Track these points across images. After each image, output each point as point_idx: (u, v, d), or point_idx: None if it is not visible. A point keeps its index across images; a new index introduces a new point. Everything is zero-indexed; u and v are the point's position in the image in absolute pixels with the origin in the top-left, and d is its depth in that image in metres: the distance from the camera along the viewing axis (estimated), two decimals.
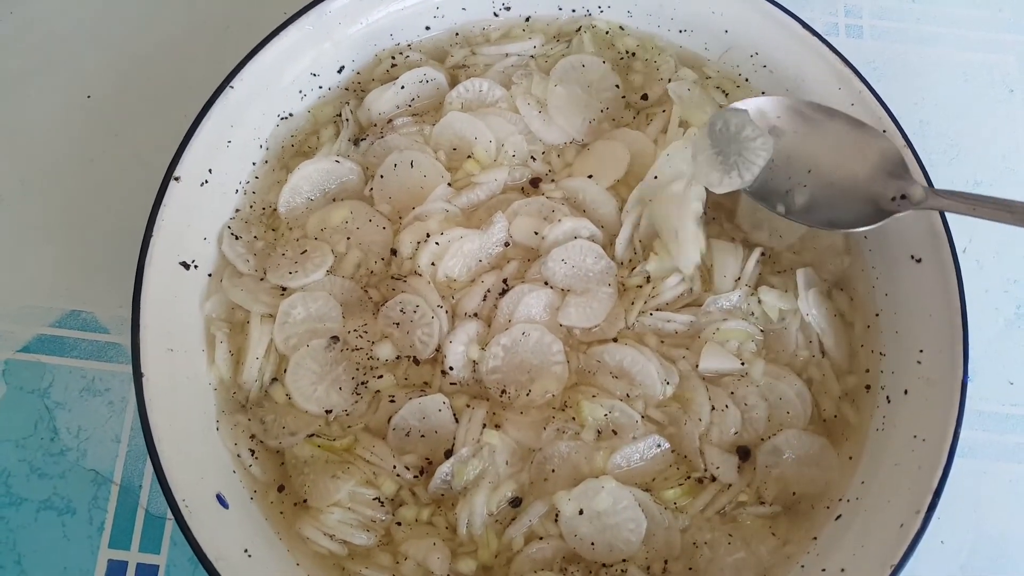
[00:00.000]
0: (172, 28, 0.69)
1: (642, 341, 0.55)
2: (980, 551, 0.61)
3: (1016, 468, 0.63)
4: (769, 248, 0.59)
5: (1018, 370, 0.65)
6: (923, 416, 0.52)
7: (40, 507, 0.58)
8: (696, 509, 0.53)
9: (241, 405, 0.55)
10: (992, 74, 0.72)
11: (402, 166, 0.58)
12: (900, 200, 0.53)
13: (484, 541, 0.52)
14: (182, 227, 0.55)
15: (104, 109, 0.67)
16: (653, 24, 0.63)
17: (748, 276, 0.57)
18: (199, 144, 0.55)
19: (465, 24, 0.63)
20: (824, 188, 0.55)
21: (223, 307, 0.56)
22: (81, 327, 0.62)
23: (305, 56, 0.59)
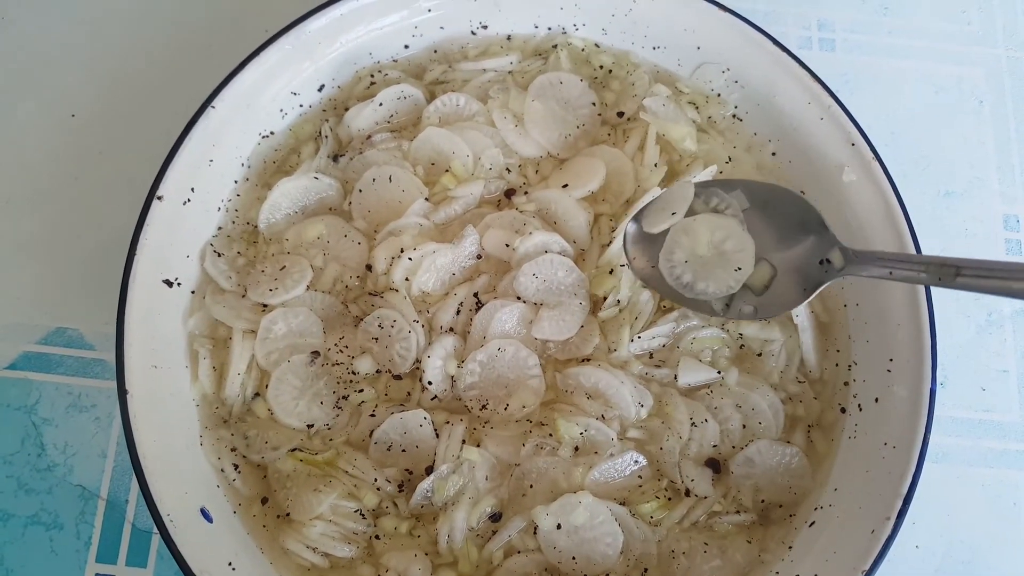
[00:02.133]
0: (156, 48, 0.70)
1: (627, 367, 0.57)
2: (954, 555, 0.62)
3: (988, 472, 0.64)
4: None
5: (989, 377, 0.66)
6: (893, 424, 0.54)
7: (28, 522, 0.58)
8: (672, 521, 0.54)
9: (224, 420, 0.56)
10: (961, 86, 0.73)
11: (380, 181, 0.59)
12: (826, 264, 0.52)
13: (464, 554, 0.53)
14: (165, 245, 0.55)
15: (88, 128, 0.68)
16: (627, 41, 0.64)
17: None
18: (181, 163, 0.56)
19: (443, 42, 0.64)
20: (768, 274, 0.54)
21: (206, 323, 0.57)
22: (67, 344, 0.63)
23: (285, 75, 0.60)
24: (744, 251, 0.54)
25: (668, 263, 0.55)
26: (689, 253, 0.55)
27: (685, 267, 0.55)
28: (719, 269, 0.54)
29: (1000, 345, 0.67)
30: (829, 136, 0.59)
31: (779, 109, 0.61)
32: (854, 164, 0.58)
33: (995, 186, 0.71)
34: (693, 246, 0.55)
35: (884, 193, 0.56)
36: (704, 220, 0.55)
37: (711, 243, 0.55)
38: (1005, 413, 0.65)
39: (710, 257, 0.54)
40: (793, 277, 0.53)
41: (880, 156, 0.58)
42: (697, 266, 0.55)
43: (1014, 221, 0.70)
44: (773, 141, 0.63)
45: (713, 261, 0.55)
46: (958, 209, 0.70)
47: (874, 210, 0.57)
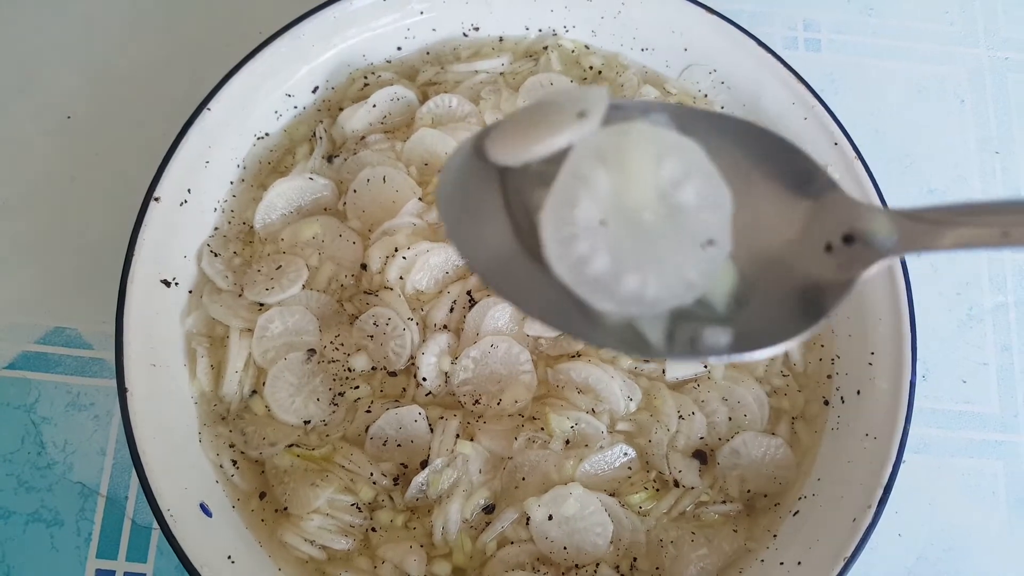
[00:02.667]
0: (152, 49, 0.70)
1: (616, 362, 0.57)
2: (936, 542, 0.63)
3: (968, 462, 0.65)
4: None
5: (970, 369, 0.68)
6: (874, 415, 0.55)
7: (28, 519, 0.59)
8: (661, 511, 0.55)
9: (222, 417, 0.57)
10: (944, 85, 0.75)
11: (374, 181, 0.60)
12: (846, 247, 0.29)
13: (459, 545, 0.54)
14: (163, 246, 0.56)
15: (85, 129, 0.68)
16: (616, 43, 0.65)
17: None
18: (178, 165, 0.57)
19: (436, 44, 0.65)
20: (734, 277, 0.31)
21: (203, 322, 0.58)
22: (65, 343, 0.63)
23: (280, 77, 0.61)
24: (719, 205, 0.29)
25: (560, 228, 0.29)
26: (608, 207, 0.28)
27: (597, 239, 0.28)
28: (669, 244, 0.28)
29: (980, 339, 0.68)
30: (813, 136, 0.60)
31: (764, 109, 0.62)
32: (837, 163, 0.59)
33: (977, 184, 0.73)
34: (618, 190, 0.28)
35: (866, 192, 0.58)
36: (644, 135, 0.29)
37: (655, 186, 0.29)
38: (985, 405, 0.67)
39: (652, 218, 0.28)
40: (783, 280, 0.31)
41: (863, 155, 0.59)
42: (624, 237, 0.28)
43: None
44: None
45: (657, 227, 0.28)
46: None
47: None
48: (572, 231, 0.29)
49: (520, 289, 0.31)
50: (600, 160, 0.29)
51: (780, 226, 0.31)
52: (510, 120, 0.32)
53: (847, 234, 0.30)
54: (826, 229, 0.30)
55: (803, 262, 0.30)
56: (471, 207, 0.32)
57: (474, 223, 0.31)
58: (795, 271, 0.31)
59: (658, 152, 0.29)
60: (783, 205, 0.31)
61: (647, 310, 0.29)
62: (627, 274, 0.28)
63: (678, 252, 0.29)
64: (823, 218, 0.31)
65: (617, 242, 0.29)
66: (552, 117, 0.30)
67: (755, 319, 0.30)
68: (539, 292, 0.30)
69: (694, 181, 0.29)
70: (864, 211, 0.30)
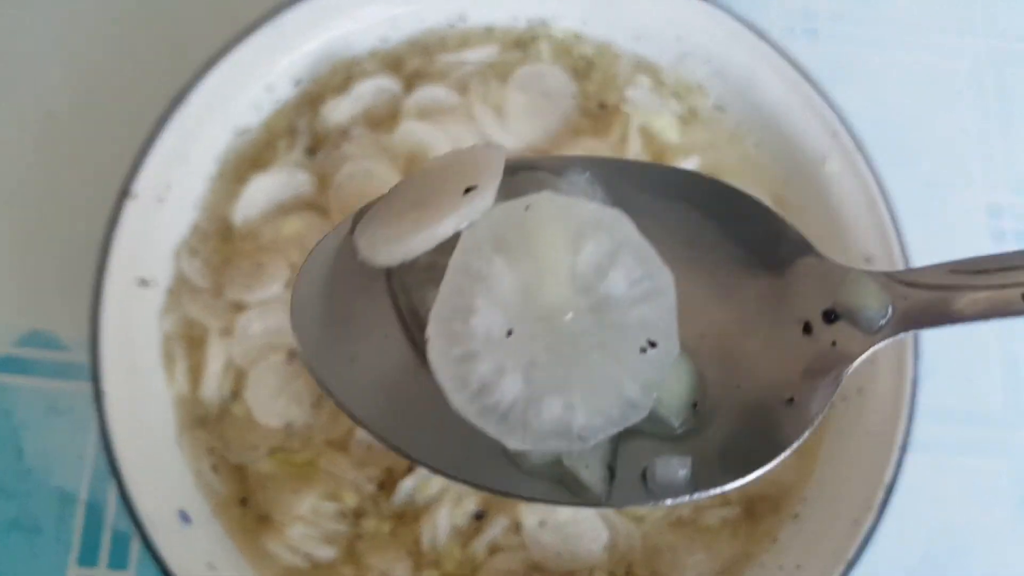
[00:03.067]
0: (133, 45, 0.69)
1: None
2: (940, 542, 0.62)
3: (973, 461, 0.64)
4: None
5: (976, 367, 0.66)
6: (876, 415, 0.54)
7: (7, 527, 0.57)
8: (657, 516, 0.54)
9: (202, 421, 0.55)
10: (944, 76, 0.73)
11: (358, 176, 0.58)
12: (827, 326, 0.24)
13: (448, 553, 0.52)
14: (139, 244, 0.55)
15: (64, 126, 0.67)
16: (608, 32, 0.63)
17: None
18: (154, 160, 0.55)
19: (422, 33, 0.64)
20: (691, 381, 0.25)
21: (181, 323, 0.57)
22: (43, 346, 0.62)
23: (260, 69, 0.59)
24: (658, 292, 0.23)
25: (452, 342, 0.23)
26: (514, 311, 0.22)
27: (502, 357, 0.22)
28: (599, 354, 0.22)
29: (985, 335, 0.67)
30: (811, 126, 0.58)
31: (761, 99, 0.60)
32: (836, 154, 0.58)
33: (978, 175, 0.71)
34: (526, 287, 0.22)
35: (866, 183, 0.56)
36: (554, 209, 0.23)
37: (574, 277, 0.22)
38: (989, 403, 0.66)
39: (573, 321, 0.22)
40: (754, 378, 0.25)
41: (863, 146, 0.58)
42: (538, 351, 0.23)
43: (997, 209, 0.70)
44: (756, 131, 0.62)
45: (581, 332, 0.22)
46: (942, 198, 0.70)
47: (857, 200, 0.57)
48: (469, 348, 0.22)
49: (412, 429, 0.23)
50: (499, 249, 0.22)
51: (745, 307, 0.24)
52: (383, 203, 0.25)
53: (828, 310, 0.24)
54: (802, 304, 0.24)
55: (777, 352, 0.24)
56: (341, 320, 0.24)
57: (345, 341, 0.24)
58: (768, 365, 0.24)
59: (575, 230, 0.22)
60: (747, 278, 0.24)
61: (578, 444, 0.21)
62: (546, 399, 0.21)
63: (611, 362, 0.21)
64: (798, 290, 0.24)
65: (529, 357, 0.22)
66: (432, 197, 0.23)
67: (723, 435, 0.24)
68: (441, 431, 0.22)
69: (624, 265, 0.22)
70: (848, 278, 0.24)
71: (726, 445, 0.24)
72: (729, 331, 0.25)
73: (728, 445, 0.24)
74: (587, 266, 0.22)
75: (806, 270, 0.25)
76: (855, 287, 0.25)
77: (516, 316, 0.22)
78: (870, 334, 0.24)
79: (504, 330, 0.22)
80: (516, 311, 0.22)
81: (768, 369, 0.24)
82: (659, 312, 0.23)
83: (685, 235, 0.25)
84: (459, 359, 0.22)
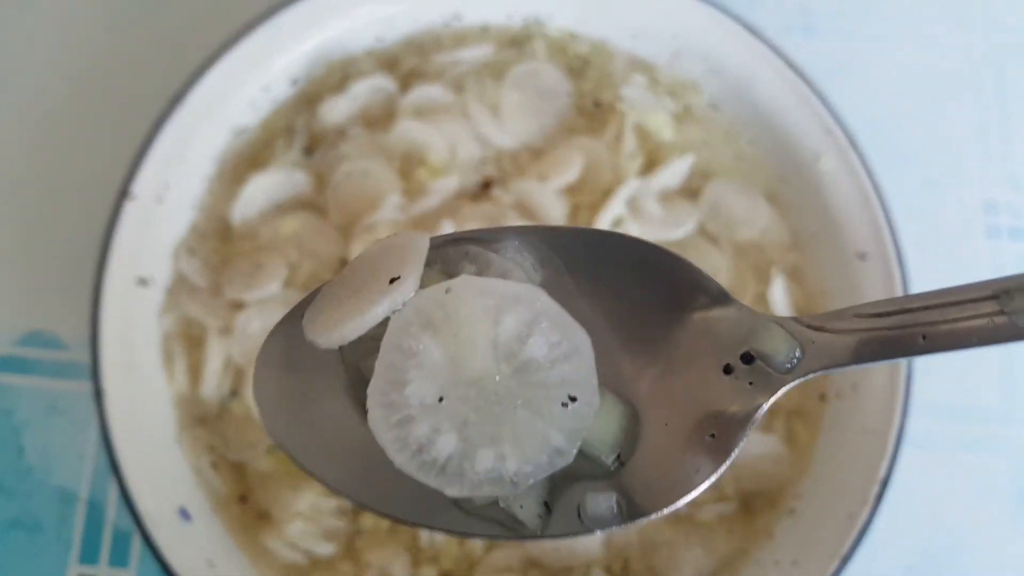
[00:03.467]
0: (130, 44, 0.69)
1: None
2: (937, 538, 0.62)
3: (970, 457, 0.64)
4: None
5: (973, 362, 0.66)
6: (871, 410, 0.54)
7: (8, 526, 0.58)
8: None
9: (201, 419, 0.56)
10: (941, 72, 0.73)
11: (355, 175, 0.59)
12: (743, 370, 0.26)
13: (445, 549, 0.53)
14: (138, 244, 0.55)
15: (63, 126, 0.67)
16: (604, 30, 0.64)
17: None
18: (153, 161, 0.55)
19: (417, 33, 0.64)
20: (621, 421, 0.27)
21: (180, 322, 0.57)
22: (43, 345, 0.62)
23: (258, 69, 0.60)
24: (574, 352, 0.25)
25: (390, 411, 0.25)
26: (444, 380, 0.26)
27: (436, 419, 0.25)
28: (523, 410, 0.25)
29: None
30: (806, 124, 0.58)
31: (756, 97, 0.60)
32: (831, 152, 0.58)
33: (975, 171, 0.71)
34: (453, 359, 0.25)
35: (860, 180, 0.56)
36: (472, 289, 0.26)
37: (496, 348, 0.25)
38: (986, 398, 0.66)
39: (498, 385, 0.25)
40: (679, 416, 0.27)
41: (857, 143, 0.58)
42: (468, 411, 0.25)
43: (993, 206, 0.70)
44: (751, 130, 0.62)
45: (506, 393, 0.25)
46: (938, 195, 0.70)
47: (851, 198, 0.57)
48: (406, 414, 0.25)
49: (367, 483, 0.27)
50: (426, 327, 0.26)
51: (672, 352, 0.27)
52: (327, 288, 0.29)
53: (745, 353, 0.27)
54: (722, 349, 0.27)
55: (700, 392, 0.27)
56: (299, 390, 0.28)
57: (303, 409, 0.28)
58: (692, 404, 0.27)
59: (494, 306, 0.25)
60: (673, 326, 0.28)
61: (511, 489, 0.25)
62: (479, 452, 0.24)
63: (537, 416, 0.25)
64: (718, 336, 0.27)
65: (462, 418, 0.25)
66: (364, 286, 0.26)
67: (651, 470, 0.27)
68: (392, 483, 0.26)
69: (542, 332, 0.25)
70: (760, 325, 0.26)
71: (654, 478, 0.27)
72: (657, 374, 0.28)
73: (656, 478, 0.27)
74: (508, 335, 0.26)
75: (725, 316, 0.28)
76: (766, 333, 0.27)
77: (446, 384, 0.26)
78: (782, 374, 0.27)
79: (436, 397, 0.26)
80: (446, 380, 0.26)
81: (692, 408, 0.27)
82: (578, 369, 0.26)
83: (614, 290, 0.28)
84: (397, 423, 0.25)
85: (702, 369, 0.27)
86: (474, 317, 0.25)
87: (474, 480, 0.25)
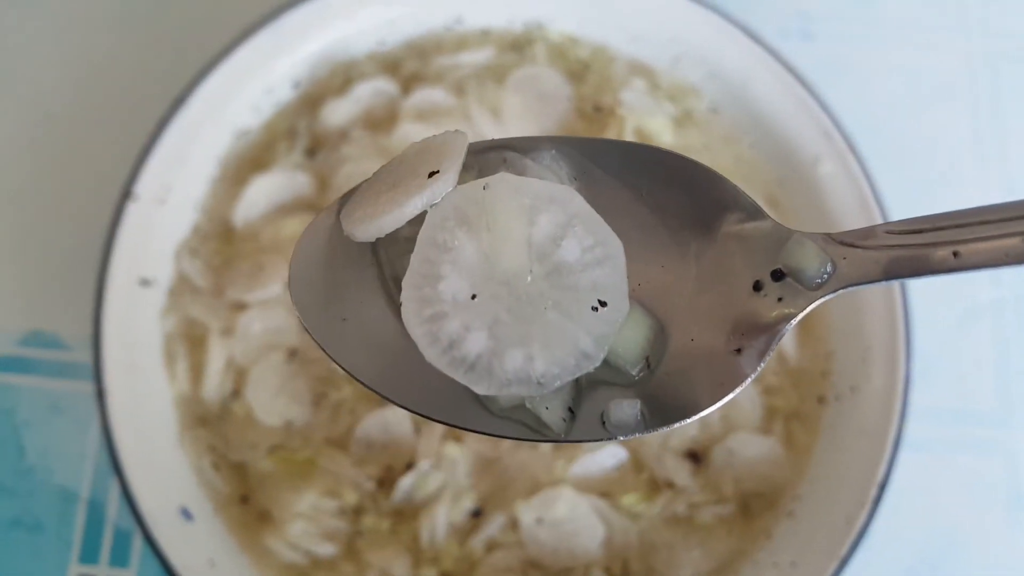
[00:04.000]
0: (133, 45, 0.69)
1: None
2: (935, 540, 0.62)
3: (966, 460, 0.64)
4: None
5: (969, 366, 0.66)
6: (869, 412, 0.54)
7: (9, 525, 0.58)
8: (653, 513, 0.54)
9: (203, 419, 0.56)
10: (938, 76, 0.74)
11: (357, 177, 0.58)
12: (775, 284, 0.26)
13: (446, 550, 0.53)
14: (140, 245, 0.55)
15: (63, 127, 0.67)
16: (604, 34, 0.64)
17: None
18: (155, 162, 0.56)
19: (419, 36, 0.64)
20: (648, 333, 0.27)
21: (182, 323, 0.57)
22: (44, 346, 0.62)
23: (260, 72, 0.60)
24: (608, 257, 0.25)
25: (423, 305, 0.25)
26: (477, 278, 0.25)
27: (468, 316, 0.25)
28: (554, 312, 0.25)
29: (978, 334, 0.67)
30: (805, 128, 0.59)
31: (755, 101, 0.61)
32: (829, 156, 0.58)
33: (971, 175, 0.72)
34: (487, 257, 0.25)
35: (859, 184, 0.57)
36: (509, 188, 0.25)
37: (529, 247, 0.25)
38: (982, 402, 0.66)
39: (530, 285, 0.25)
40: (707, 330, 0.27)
41: (855, 147, 0.58)
42: (500, 310, 0.25)
43: None
44: (750, 133, 0.63)
45: (537, 294, 0.25)
46: (935, 198, 0.70)
47: (849, 201, 0.57)
48: (439, 309, 0.25)
49: (396, 379, 0.27)
50: (462, 223, 0.25)
51: (702, 266, 0.27)
52: (365, 185, 0.29)
53: (776, 269, 0.26)
54: (753, 264, 0.26)
55: (729, 307, 0.27)
56: (332, 287, 0.28)
57: (336, 305, 0.28)
58: (720, 318, 0.27)
59: (530, 205, 0.25)
60: (704, 241, 0.27)
61: (538, 390, 0.25)
62: (508, 351, 0.24)
63: (567, 319, 0.24)
64: (749, 252, 0.27)
65: (493, 316, 0.25)
66: (403, 181, 0.26)
67: (676, 381, 0.27)
68: (421, 380, 0.26)
69: (576, 235, 0.25)
70: (792, 240, 0.26)
71: (678, 390, 0.27)
72: (686, 288, 0.28)
73: (680, 390, 0.27)
74: (542, 236, 0.26)
75: (758, 231, 0.28)
76: (798, 248, 0.27)
77: (479, 281, 0.25)
78: (812, 291, 0.27)
79: (469, 294, 0.26)
80: (479, 277, 0.26)
81: (720, 323, 0.27)
82: (610, 275, 0.25)
83: (647, 203, 0.28)
84: (429, 319, 0.25)
85: (731, 285, 0.27)
86: (509, 215, 0.25)
87: (502, 379, 0.25)
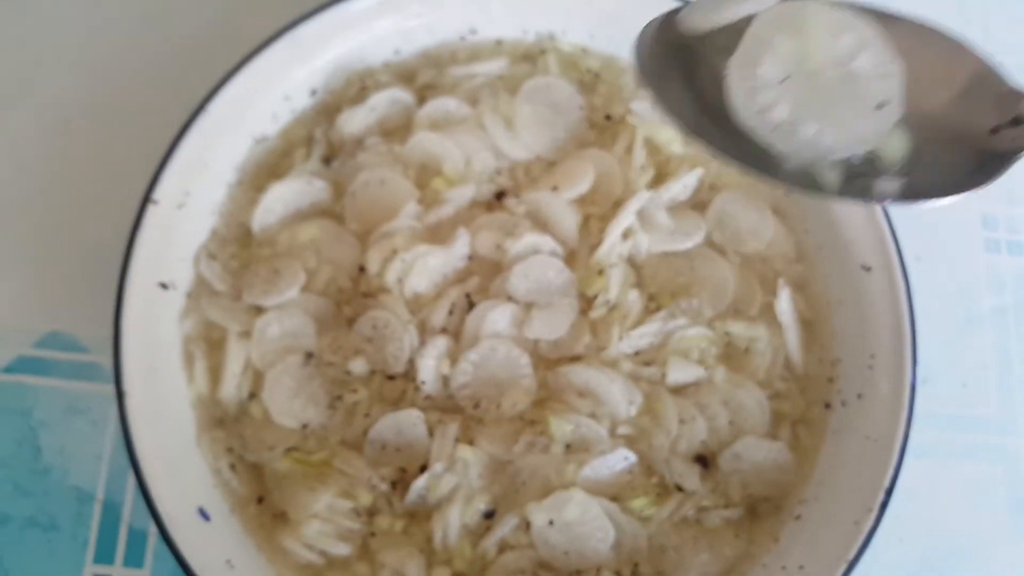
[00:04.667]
0: (151, 51, 0.70)
1: (616, 366, 0.57)
2: (938, 546, 0.63)
3: (969, 466, 0.65)
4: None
5: (971, 373, 0.67)
6: (875, 418, 0.55)
7: (25, 524, 0.59)
8: (662, 516, 0.55)
9: (220, 421, 0.57)
10: None
11: (372, 184, 0.60)
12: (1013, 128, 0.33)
13: (459, 551, 0.54)
14: (160, 249, 0.56)
15: (83, 133, 0.68)
16: (614, 45, 0.65)
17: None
18: (175, 167, 0.57)
19: (433, 47, 0.65)
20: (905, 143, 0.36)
21: (201, 326, 0.58)
22: (62, 347, 0.63)
23: (279, 80, 0.61)
24: (891, 75, 0.33)
25: (745, 81, 0.34)
26: (789, 66, 0.33)
27: (779, 92, 0.33)
28: (844, 103, 0.33)
29: (981, 341, 0.68)
30: None
31: None
32: None
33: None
34: (798, 54, 0.33)
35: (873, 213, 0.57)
36: (819, 11, 0.34)
37: (832, 54, 0.33)
38: (985, 408, 0.67)
39: (829, 79, 0.33)
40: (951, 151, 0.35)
41: None
42: (803, 92, 0.33)
43: (992, 221, 0.72)
44: None
45: (833, 87, 0.33)
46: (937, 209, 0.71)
47: (856, 212, 0.58)
48: (756, 84, 0.34)
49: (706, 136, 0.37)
50: (781, 28, 0.34)
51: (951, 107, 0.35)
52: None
53: (1017, 116, 0.34)
54: (995, 115, 0.34)
55: (970, 138, 0.35)
56: (665, 72, 0.38)
57: (669, 85, 0.38)
58: (963, 143, 0.35)
59: (835, 27, 0.34)
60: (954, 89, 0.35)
61: (822, 156, 0.34)
62: (805, 123, 0.34)
63: (852, 109, 0.34)
64: (994, 107, 0.35)
65: (797, 95, 0.34)
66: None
67: (922, 180, 0.35)
68: (723, 136, 0.36)
69: (868, 53, 0.34)
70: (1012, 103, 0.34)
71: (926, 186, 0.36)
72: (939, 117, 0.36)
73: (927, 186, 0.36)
74: (843, 48, 0.34)
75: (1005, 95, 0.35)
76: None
77: (790, 70, 0.34)
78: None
79: (781, 77, 0.34)
80: (790, 67, 0.34)
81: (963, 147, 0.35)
82: (891, 88, 0.35)
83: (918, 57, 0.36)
84: (748, 90, 0.35)
85: (974, 124, 0.35)
86: (820, 27, 0.34)
87: (797, 142, 0.34)
